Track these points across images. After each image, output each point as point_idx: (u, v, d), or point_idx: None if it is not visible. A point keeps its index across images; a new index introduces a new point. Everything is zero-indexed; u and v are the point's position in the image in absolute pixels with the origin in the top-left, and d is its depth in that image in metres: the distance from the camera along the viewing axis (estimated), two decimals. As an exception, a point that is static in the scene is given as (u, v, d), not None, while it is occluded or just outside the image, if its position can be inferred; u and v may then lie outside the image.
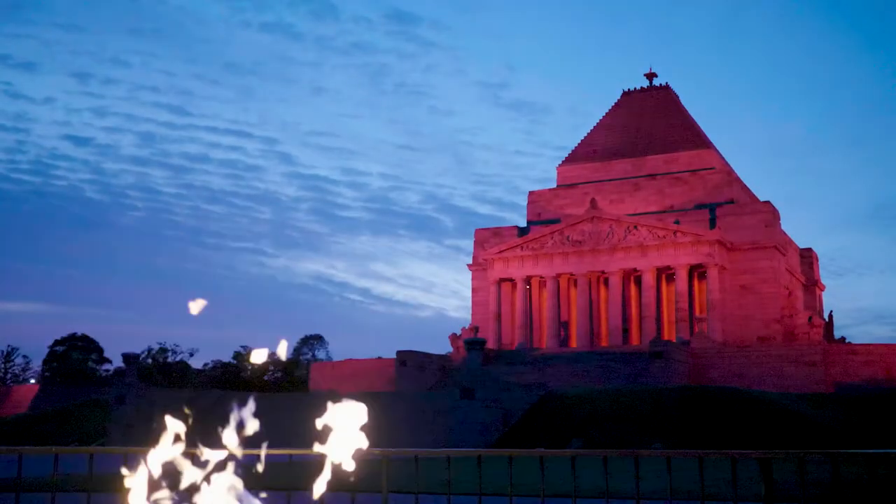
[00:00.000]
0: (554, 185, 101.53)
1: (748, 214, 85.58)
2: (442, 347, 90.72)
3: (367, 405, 4.33)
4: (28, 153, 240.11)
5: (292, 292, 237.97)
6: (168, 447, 4.09)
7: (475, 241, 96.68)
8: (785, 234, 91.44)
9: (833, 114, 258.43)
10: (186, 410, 4.39)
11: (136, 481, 3.98)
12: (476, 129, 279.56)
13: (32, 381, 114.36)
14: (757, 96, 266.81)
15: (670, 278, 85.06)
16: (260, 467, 4.32)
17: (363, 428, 4.31)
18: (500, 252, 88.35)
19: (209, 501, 3.93)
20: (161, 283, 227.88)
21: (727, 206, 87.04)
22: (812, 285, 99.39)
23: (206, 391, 68.92)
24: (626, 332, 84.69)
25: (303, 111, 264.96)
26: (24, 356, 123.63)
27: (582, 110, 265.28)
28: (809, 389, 64.73)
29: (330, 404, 4.36)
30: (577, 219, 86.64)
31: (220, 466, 4.08)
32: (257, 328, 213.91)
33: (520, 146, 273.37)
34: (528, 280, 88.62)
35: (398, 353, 72.70)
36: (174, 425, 4.19)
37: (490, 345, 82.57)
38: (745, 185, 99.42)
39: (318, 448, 4.32)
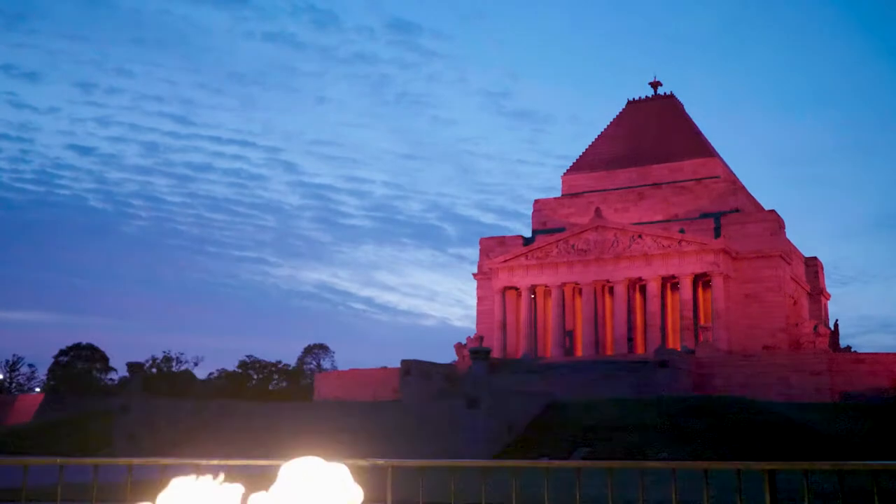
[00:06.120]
0: (558, 194, 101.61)
1: (753, 223, 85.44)
2: (446, 356, 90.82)
3: (371, 415, 4.05)
4: (32, 163, 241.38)
5: (296, 301, 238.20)
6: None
7: (480, 250, 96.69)
8: (790, 242, 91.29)
9: (838, 123, 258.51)
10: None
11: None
12: (478, 139, 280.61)
13: (37, 390, 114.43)
14: (762, 105, 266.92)
15: (675, 287, 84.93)
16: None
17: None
18: (505, 261, 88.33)
19: None
20: (165, 291, 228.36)
21: (732, 215, 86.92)
22: (817, 294, 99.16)
23: (211, 401, 68.87)
24: (631, 340, 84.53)
25: (306, 120, 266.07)
26: (30, 365, 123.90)
27: (584, 119, 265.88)
28: (815, 398, 64.52)
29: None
30: (581, 228, 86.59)
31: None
32: (261, 337, 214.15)
33: (522, 155, 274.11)
34: (533, 289, 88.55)
35: (402, 362, 72.58)
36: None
37: (495, 354, 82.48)
38: (750, 194, 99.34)
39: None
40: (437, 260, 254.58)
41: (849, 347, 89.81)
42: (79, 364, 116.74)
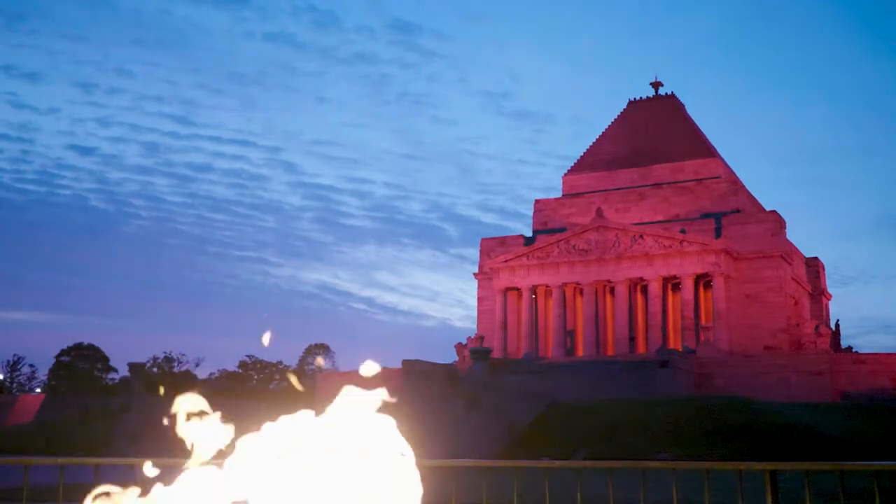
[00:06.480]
0: (558, 194, 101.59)
1: (754, 223, 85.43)
2: (447, 357, 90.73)
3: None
4: (33, 163, 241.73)
5: (297, 301, 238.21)
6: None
7: (481, 251, 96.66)
8: (791, 243, 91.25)
9: (839, 122, 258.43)
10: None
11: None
12: (479, 139, 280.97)
13: (38, 390, 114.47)
14: (762, 105, 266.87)
15: (676, 287, 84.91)
16: None
17: None
18: (506, 261, 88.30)
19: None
20: (165, 291, 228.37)
21: (733, 216, 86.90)
22: (818, 294, 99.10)
23: (212, 400, 68.75)
24: (632, 341, 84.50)
25: (306, 120, 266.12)
26: (31, 365, 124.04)
27: (585, 119, 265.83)
28: (816, 399, 64.45)
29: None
30: (582, 228, 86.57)
31: None
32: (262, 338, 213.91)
33: (523, 155, 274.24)
34: (534, 289, 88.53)
35: (403, 362, 72.47)
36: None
37: (496, 354, 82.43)
38: (751, 194, 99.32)
39: None
40: (438, 260, 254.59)
41: (850, 348, 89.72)
42: (79, 364, 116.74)
